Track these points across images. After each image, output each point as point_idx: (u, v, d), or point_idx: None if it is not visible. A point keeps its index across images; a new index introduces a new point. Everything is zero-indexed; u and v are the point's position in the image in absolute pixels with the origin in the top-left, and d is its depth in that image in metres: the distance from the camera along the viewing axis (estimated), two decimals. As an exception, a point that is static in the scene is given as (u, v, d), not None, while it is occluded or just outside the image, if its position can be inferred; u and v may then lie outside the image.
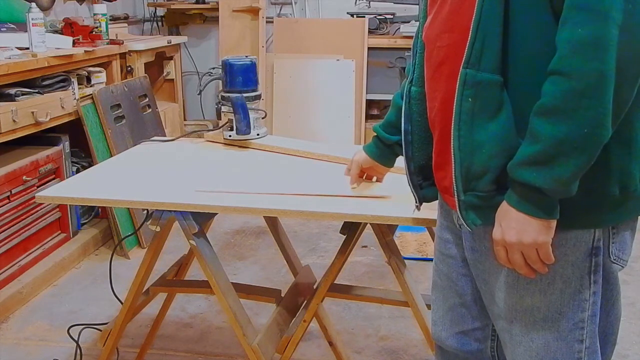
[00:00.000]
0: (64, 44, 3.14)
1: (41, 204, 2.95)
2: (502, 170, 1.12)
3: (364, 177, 1.74)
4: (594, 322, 1.21)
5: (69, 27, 3.35)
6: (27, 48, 2.91)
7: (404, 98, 1.36)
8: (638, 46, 1.03)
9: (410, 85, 1.35)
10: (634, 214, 1.20)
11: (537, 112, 1.07)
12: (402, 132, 1.36)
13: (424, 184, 1.38)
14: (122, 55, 3.67)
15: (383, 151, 1.61)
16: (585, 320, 1.20)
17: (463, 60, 1.12)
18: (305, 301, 1.98)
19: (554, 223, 1.11)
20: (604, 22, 1.01)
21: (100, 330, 1.98)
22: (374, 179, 1.74)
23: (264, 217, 2.20)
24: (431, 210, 1.46)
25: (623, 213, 1.18)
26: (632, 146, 1.13)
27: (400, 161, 1.47)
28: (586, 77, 1.02)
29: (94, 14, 3.52)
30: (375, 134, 1.62)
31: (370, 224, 1.68)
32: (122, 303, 1.92)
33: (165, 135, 3.62)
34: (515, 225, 1.11)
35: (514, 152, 1.11)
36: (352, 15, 4.59)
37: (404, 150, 1.37)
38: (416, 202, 1.42)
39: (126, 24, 4.64)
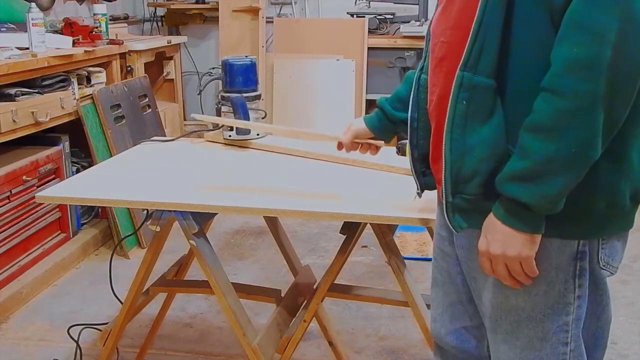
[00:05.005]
0: (64, 44, 3.14)
1: (41, 204, 2.95)
2: (490, 175, 1.13)
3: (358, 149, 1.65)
4: (578, 326, 1.21)
5: (69, 27, 3.35)
6: (27, 48, 2.91)
7: (414, 85, 1.35)
8: (631, 68, 1.02)
9: (420, 73, 1.34)
10: (622, 229, 1.20)
11: (528, 128, 1.07)
12: (409, 119, 1.35)
13: (427, 171, 1.37)
14: (122, 55, 3.67)
15: (385, 126, 1.56)
16: (570, 324, 1.20)
17: (461, 62, 1.12)
18: (305, 301, 1.98)
19: (538, 238, 1.12)
20: (599, 43, 1.00)
21: (100, 330, 1.98)
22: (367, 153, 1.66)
23: (264, 217, 2.20)
24: (431, 210, 1.46)
25: (610, 228, 1.17)
26: (623, 163, 1.12)
27: (400, 160, 1.46)
28: (578, 97, 1.02)
29: (94, 14, 3.52)
30: (380, 107, 1.57)
31: (370, 224, 1.68)
32: (122, 303, 1.91)
33: (165, 135, 3.62)
34: (500, 238, 1.12)
35: (502, 157, 1.11)
36: (352, 15, 4.59)
37: (409, 137, 1.37)
38: (417, 189, 1.41)
39: (126, 24, 4.64)
